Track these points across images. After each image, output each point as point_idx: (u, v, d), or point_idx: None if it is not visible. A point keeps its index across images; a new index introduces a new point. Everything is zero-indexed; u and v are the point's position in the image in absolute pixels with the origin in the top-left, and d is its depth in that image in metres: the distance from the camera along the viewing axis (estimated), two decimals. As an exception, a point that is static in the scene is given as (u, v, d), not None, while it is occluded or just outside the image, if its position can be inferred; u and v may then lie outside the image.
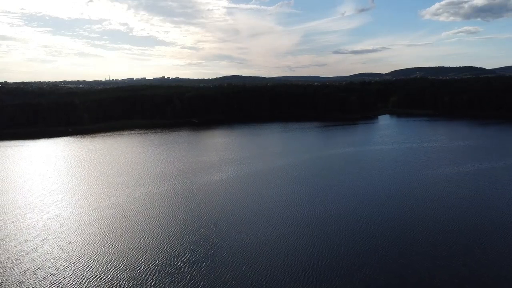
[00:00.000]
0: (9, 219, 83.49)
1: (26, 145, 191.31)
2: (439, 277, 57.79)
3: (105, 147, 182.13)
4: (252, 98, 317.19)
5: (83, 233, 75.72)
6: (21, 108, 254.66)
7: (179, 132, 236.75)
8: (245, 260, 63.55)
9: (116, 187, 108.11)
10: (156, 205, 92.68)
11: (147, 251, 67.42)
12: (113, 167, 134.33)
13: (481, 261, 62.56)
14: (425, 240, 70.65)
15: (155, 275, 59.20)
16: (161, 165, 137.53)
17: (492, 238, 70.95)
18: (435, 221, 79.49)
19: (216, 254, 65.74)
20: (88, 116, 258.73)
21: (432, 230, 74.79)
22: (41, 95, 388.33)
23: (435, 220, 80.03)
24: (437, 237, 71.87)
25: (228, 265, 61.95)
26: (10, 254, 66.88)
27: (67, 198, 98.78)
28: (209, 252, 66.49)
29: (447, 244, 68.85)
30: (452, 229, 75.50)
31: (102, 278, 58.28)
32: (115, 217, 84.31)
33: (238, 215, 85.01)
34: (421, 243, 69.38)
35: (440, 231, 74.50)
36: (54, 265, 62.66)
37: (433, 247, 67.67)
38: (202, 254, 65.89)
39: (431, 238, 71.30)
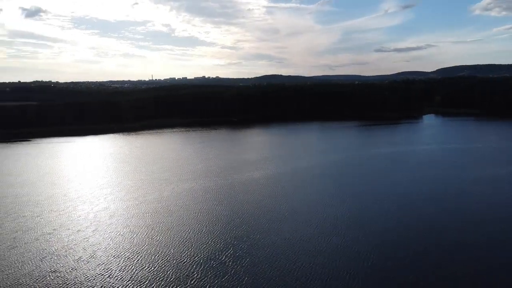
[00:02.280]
0: (62, 211, 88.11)
1: (75, 142, 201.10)
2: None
3: (148, 144, 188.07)
4: (291, 97, 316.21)
5: (130, 225, 78.61)
6: (70, 107, 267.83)
7: (218, 130, 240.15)
8: (287, 258, 63.52)
9: (160, 182, 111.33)
10: (198, 200, 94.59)
11: (191, 244, 68.94)
12: (157, 164, 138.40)
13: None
14: (477, 245, 67.72)
15: (200, 268, 60.44)
16: (202, 162, 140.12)
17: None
18: (489, 223, 75.96)
19: (259, 251, 66.16)
20: (132, 115, 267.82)
21: (484, 234, 71.54)
22: (88, 94, 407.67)
23: (489, 222, 76.47)
24: (487, 241, 68.68)
25: (271, 262, 62.15)
26: (64, 243, 70.53)
27: (115, 192, 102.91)
28: (251, 248, 67.04)
29: (498, 247, 65.63)
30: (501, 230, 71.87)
31: (149, 269, 60.24)
32: (159, 211, 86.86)
33: (279, 212, 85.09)
34: (471, 247, 66.56)
35: (487, 232, 71.15)
36: (104, 254, 65.49)
37: (483, 250, 64.72)
38: (245, 249, 66.53)
39: (483, 244, 68.25)
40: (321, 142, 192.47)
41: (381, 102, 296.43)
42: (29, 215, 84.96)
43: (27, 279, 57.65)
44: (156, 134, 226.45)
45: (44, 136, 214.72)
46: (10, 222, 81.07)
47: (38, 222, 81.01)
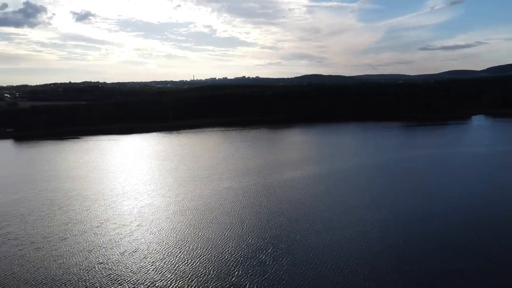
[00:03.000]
0: (108, 205, 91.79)
1: (121, 139, 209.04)
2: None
3: (189, 143, 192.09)
4: (331, 97, 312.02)
5: (172, 221, 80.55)
6: (116, 106, 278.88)
7: (258, 129, 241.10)
8: (327, 260, 62.57)
9: (201, 180, 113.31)
10: (238, 198, 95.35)
11: (231, 242, 69.57)
12: (198, 162, 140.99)
13: None
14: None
15: (239, 266, 60.84)
16: (242, 161, 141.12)
17: None
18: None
19: (299, 251, 65.64)
20: (174, 114, 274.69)
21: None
22: (133, 94, 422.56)
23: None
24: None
25: (311, 263, 61.46)
26: (110, 236, 73.40)
27: (157, 188, 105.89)
28: (291, 248, 66.65)
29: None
30: None
31: (190, 264, 61.40)
32: (200, 208, 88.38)
33: (318, 213, 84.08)
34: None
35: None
36: (147, 248, 67.50)
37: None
38: (285, 249, 66.25)
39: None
40: (362, 142, 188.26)
41: (425, 103, 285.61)
42: (79, 209, 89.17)
43: (76, 269, 60.46)
44: (197, 133, 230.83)
45: (92, 134, 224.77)
46: (61, 214, 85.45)
47: (86, 215, 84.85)
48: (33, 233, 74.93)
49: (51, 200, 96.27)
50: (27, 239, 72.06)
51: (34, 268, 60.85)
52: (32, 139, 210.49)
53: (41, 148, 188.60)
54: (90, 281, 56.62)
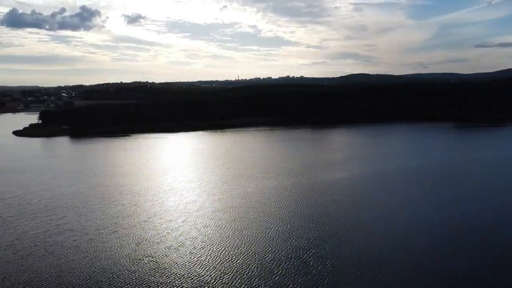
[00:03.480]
0: (156, 201, 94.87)
1: (168, 137, 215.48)
2: None
3: (233, 142, 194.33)
4: (377, 96, 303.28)
5: (216, 218, 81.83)
6: (164, 105, 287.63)
7: (301, 129, 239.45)
8: (373, 263, 60.88)
9: (244, 178, 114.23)
10: (282, 198, 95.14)
11: (274, 241, 69.51)
12: (241, 160, 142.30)
13: None
14: None
15: (282, 265, 60.63)
16: (286, 160, 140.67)
17: None
18: None
19: (343, 253, 64.39)
20: (218, 113, 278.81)
21: None
22: (180, 94, 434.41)
23: None
24: None
25: (355, 266, 60.06)
26: (157, 231, 75.80)
27: (202, 186, 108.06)
28: (335, 250, 65.51)
29: None
30: None
31: (233, 261, 62.03)
32: (244, 206, 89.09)
33: (363, 215, 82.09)
34: None
35: None
36: (192, 244, 69.01)
37: None
38: (328, 250, 65.23)
39: None
40: (409, 143, 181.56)
41: (480, 102, 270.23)
42: (128, 203, 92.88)
43: (125, 261, 62.99)
44: (241, 132, 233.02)
45: (141, 132, 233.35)
46: (112, 208, 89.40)
47: (135, 210, 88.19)
48: (86, 225, 78.95)
49: (103, 194, 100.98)
50: (81, 230, 76.03)
51: (87, 258, 64.08)
52: (86, 136, 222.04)
53: (94, 144, 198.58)
54: (138, 273, 58.76)
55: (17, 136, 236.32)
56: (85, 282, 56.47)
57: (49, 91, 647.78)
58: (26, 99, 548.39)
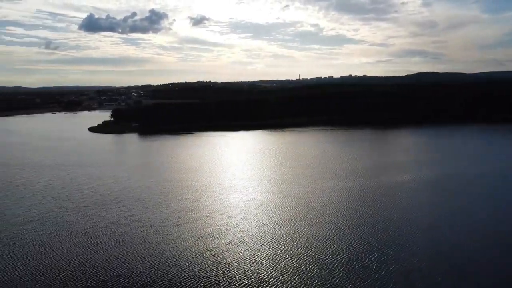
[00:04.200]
0: (217, 197, 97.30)
1: (229, 136, 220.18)
2: None
3: (293, 141, 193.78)
4: (446, 96, 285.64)
5: (276, 217, 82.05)
6: (226, 104, 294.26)
7: (363, 130, 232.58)
8: (436, 270, 57.43)
9: (304, 178, 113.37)
10: (342, 199, 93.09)
11: (334, 242, 68.16)
12: (301, 160, 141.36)
13: None
14: None
15: (341, 267, 59.25)
16: (347, 161, 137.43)
17: None
18: None
19: (407, 259, 61.46)
20: (279, 112, 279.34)
21: None
22: (241, 93, 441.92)
23: None
24: None
25: (420, 272, 57.07)
26: (217, 226, 77.66)
27: (262, 184, 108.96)
28: (399, 255, 62.71)
29: None
30: None
31: (291, 260, 61.74)
32: (303, 206, 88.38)
33: (427, 220, 77.89)
34: None
35: None
36: (252, 241, 69.78)
37: None
38: (391, 255, 62.61)
39: None
40: (481, 147, 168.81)
41: None
42: (190, 198, 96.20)
43: (187, 254, 65.27)
44: (301, 131, 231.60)
45: (203, 130, 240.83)
46: (176, 203, 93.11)
47: (197, 205, 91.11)
48: (152, 217, 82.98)
49: (167, 189, 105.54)
50: (147, 223, 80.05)
51: (152, 249, 67.30)
52: (153, 133, 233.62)
53: (159, 141, 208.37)
54: (200, 266, 60.60)
55: (92, 132, 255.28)
56: (151, 272, 59.36)
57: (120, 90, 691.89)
58: (100, 98, 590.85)
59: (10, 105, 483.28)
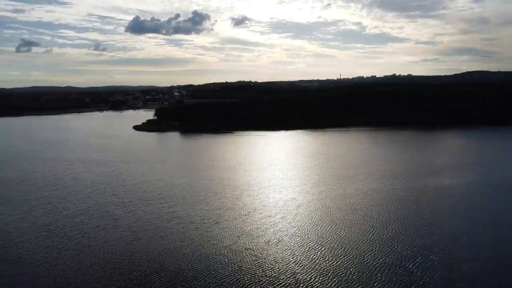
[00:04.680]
0: (256, 196, 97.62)
1: (269, 135, 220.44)
2: None
3: (334, 142, 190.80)
4: (499, 96, 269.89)
5: (315, 218, 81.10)
6: (265, 104, 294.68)
7: (407, 130, 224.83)
8: (490, 279, 54.37)
9: (344, 179, 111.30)
10: (384, 202, 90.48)
11: (375, 245, 66.34)
12: (342, 161, 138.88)
13: None
14: None
15: (383, 271, 57.51)
16: (390, 163, 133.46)
17: None
18: None
19: (453, 266, 58.65)
20: (319, 113, 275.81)
21: None
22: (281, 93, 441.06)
23: None
24: None
25: (466, 280, 54.29)
26: (256, 225, 77.86)
27: (301, 184, 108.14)
28: (444, 262, 59.94)
29: None
30: None
31: (331, 262, 60.72)
32: (343, 208, 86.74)
33: (476, 226, 73.87)
34: None
35: None
36: (290, 241, 69.35)
37: None
38: (437, 262, 59.98)
39: None
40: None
41: None
42: (230, 197, 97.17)
43: (226, 251, 65.91)
44: (342, 132, 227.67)
45: (243, 129, 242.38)
46: (216, 200, 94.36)
47: (236, 203, 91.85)
48: (192, 214, 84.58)
49: (208, 186, 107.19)
50: (187, 219, 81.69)
51: (193, 245, 68.54)
52: (194, 132, 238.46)
53: (200, 140, 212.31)
54: (238, 264, 61.02)
55: (136, 130, 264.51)
56: (191, 267, 60.49)
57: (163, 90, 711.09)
58: (144, 97, 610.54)
59: (63, 104, 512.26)
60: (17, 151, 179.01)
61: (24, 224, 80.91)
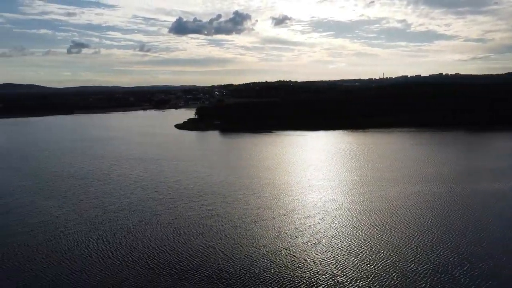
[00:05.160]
0: (295, 196, 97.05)
1: (308, 135, 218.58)
2: None
3: (376, 143, 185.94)
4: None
5: (355, 220, 79.45)
6: (305, 103, 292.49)
7: (454, 132, 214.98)
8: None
9: (386, 181, 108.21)
10: (428, 205, 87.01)
11: (418, 251, 63.93)
12: (384, 162, 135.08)
13: None
14: None
15: (427, 278, 55.32)
16: (435, 165, 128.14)
17: None
18: None
19: (506, 277, 55.43)
20: (360, 113, 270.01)
21: None
22: (321, 93, 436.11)
23: None
24: None
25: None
26: (295, 225, 77.35)
27: (341, 185, 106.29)
28: (496, 271, 56.70)
29: None
30: None
31: (371, 265, 59.22)
32: (385, 211, 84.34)
33: (536, 235, 69.31)
34: None
35: None
36: (329, 242, 68.33)
37: None
38: (486, 270, 56.92)
39: None
40: None
41: None
42: (269, 196, 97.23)
43: (265, 250, 65.98)
44: (384, 133, 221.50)
45: (282, 128, 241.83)
46: (254, 200, 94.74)
47: (275, 203, 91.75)
48: (231, 212, 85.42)
49: (247, 185, 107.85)
50: (226, 217, 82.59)
51: (231, 243, 69.21)
52: (233, 131, 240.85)
53: (240, 139, 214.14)
54: (276, 264, 60.92)
55: (178, 129, 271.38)
56: (229, 265, 61.13)
57: (204, 89, 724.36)
58: (186, 97, 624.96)
59: (109, 103, 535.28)
60: (68, 147, 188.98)
61: (73, 216, 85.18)
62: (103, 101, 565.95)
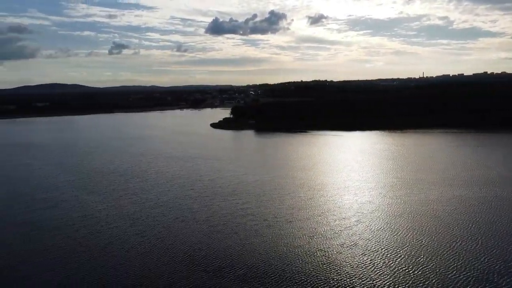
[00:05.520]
0: (330, 197, 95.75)
1: (344, 135, 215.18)
2: None
3: (415, 144, 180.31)
4: None
5: (392, 223, 77.29)
6: (341, 103, 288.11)
7: (501, 133, 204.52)
8: None
9: (426, 184, 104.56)
10: (472, 210, 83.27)
11: (460, 257, 61.28)
12: (424, 164, 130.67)
13: None
14: None
15: (467, 284, 53.00)
16: (479, 168, 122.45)
17: None
18: None
19: (555, 286, 52.18)
20: (398, 113, 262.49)
21: None
22: (357, 92, 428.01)
23: None
24: None
25: None
26: (330, 227, 76.29)
27: (378, 187, 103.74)
28: (544, 281, 53.60)
29: None
30: None
31: (410, 271, 57.33)
32: (424, 214, 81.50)
33: None
34: None
35: None
36: (366, 245, 66.84)
37: None
38: (534, 280, 53.81)
39: None
40: None
41: None
42: (303, 197, 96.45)
43: (299, 251, 65.47)
44: (424, 134, 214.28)
45: (318, 128, 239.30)
46: (289, 200, 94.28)
47: (310, 204, 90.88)
48: (265, 212, 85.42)
49: (281, 185, 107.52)
50: (260, 216, 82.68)
51: (265, 243, 69.17)
52: (269, 131, 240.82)
53: (275, 139, 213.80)
54: (311, 265, 60.27)
55: (213, 128, 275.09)
56: (263, 264, 61.13)
57: (239, 89, 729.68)
58: (221, 96, 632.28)
59: (148, 102, 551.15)
60: (108, 145, 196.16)
61: (113, 212, 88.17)
62: (142, 100, 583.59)
